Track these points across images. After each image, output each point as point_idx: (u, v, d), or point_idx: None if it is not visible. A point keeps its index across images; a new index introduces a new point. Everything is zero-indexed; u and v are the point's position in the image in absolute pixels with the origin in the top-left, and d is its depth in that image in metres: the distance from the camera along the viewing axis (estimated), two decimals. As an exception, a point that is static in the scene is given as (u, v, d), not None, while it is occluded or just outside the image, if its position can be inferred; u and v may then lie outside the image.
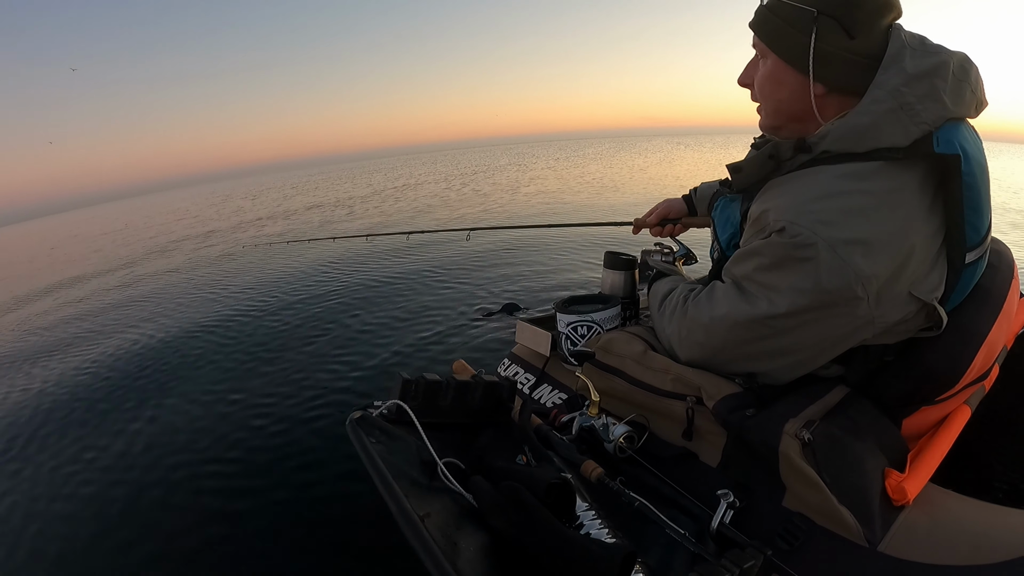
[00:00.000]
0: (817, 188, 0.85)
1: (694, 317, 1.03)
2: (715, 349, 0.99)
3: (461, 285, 4.37)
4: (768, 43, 0.92)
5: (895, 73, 0.82)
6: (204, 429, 2.59)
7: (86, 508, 2.14)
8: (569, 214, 8.17)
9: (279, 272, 5.98)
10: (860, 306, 0.83)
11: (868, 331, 0.88)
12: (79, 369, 3.75)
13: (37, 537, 2.02)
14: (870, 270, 0.80)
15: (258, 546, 1.78)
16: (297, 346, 3.48)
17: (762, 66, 0.96)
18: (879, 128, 0.82)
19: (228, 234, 10.79)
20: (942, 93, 0.81)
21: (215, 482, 2.17)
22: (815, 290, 0.82)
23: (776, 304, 0.87)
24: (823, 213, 0.81)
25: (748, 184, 0.98)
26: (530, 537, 0.85)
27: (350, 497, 1.91)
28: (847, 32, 0.84)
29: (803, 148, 0.89)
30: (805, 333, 0.89)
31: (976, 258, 0.91)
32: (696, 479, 1.04)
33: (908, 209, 0.83)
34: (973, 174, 0.84)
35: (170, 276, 7.03)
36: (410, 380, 1.11)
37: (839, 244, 0.79)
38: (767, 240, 0.87)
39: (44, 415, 3.10)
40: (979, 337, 0.94)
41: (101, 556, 1.85)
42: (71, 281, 8.36)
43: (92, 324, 5.11)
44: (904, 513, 0.87)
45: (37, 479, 2.43)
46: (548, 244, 5.51)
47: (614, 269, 1.67)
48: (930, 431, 1.02)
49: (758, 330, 0.91)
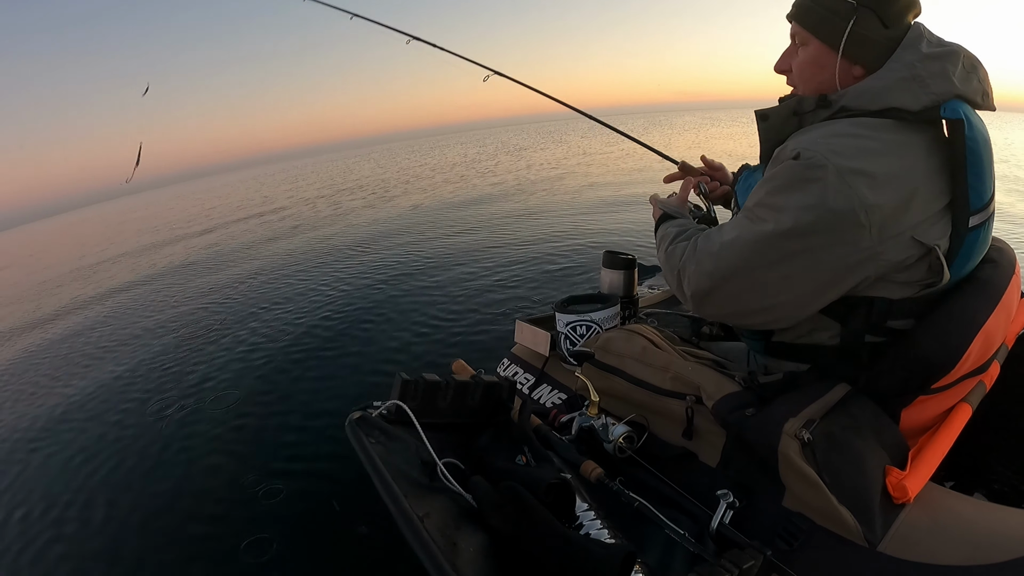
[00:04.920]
0: (832, 129, 0.93)
1: (703, 248, 1.04)
2: (723, 276, 0.99)
3: (462, 284, 4.37)
4: (811, 30, 1.00)
5: (911, 52, 0.92)
6: (202, 430, 2.59)
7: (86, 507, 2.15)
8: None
9: (269, 272, 5.98)
10: (863, 235, 0.86)
11: (870, 267, 0.89)
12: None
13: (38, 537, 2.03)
14: (874, 199, 0.84)
15: (254, 546, 1.78)
16: (294, 345, 3.48)
17: (802, 53, 1.04)
18: (891, 91, 0.91)
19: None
20: (951, 74, 0.89)
21: (208, 482, 2.17)
22: (820, 208, 0.86)
23: (782, 221, 0.90)
24: (836, 145, 0.88)
25: (773, 135, 1.04)
26: (530, 537, 0.85)
27: (349, 498, 1.91)
28: (882, 22, 0.94)
29: (824, 104, 0.98)
30: (809, 260, 0.90)
31: (979, 223, 0.94)
32: (696, 479, 1.04)
33: (913, 161, 0.89)
34: (976, 140, 0.89)
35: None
36: (409, 380, 1.11)
37: (847, 172, 0.85)
38: (781, 166, 0.93)
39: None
40: (975, 324, 0.95)
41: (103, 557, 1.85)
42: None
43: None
44: (904, 512, 0.87)
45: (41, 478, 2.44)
46: (557, 245, 5.50)
47: (613, 268, 1.67)
48: (931, 429, 1.02)
49: (765, 252, 0.93)
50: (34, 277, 10.28)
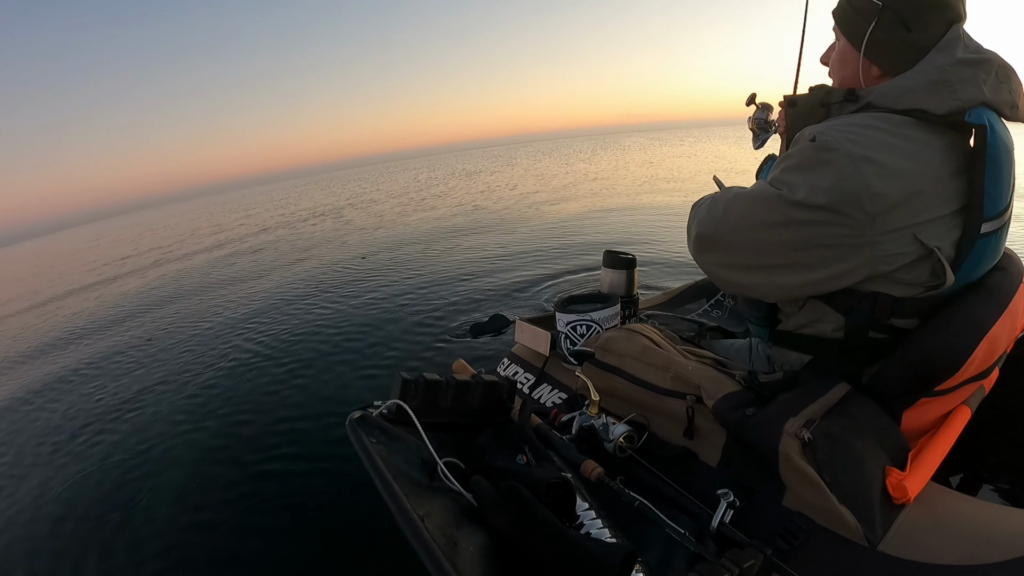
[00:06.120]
0: (852, 119, 0.96)
1: (720, 196, 1.07)
2: (730, 226, 1.02)
3: (464, 284, 4.37)
4: (841, 28, 1.06)
5: (945, 56, 0.93)
6: (202, 428, 2.59)
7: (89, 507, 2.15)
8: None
9: (277, 275, 5.98)
10: (864, 221, 0.87)
11: (867, 254, 0.90)
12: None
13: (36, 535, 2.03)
14: (879, 188, 0.85)
15: (254, 547, 1.77)
16: (295, 346, 3.48)
17: (836, 47, 1.10)
18: (917, 92, 0.92)
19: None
20: (982, 83, 0.90)
21: (209, 483, 2.17)
22: (827, 189, 0.88)
23: (794, 192, 0.92)
24: (852, 134, 0.90)
25: (799, 122, 1.06)
26: (530, 537, 0.85)
27: (349, 497, 1.91)
28: (905, 25, 0.95)
29: (852, 98, 1.00)
30: (809, 232, 0.92)
31: (992, 230, 0.94)
32: (696, 478, 1.04)
33: (927, 160, 0.89)
34: (997, 148, 0.89)
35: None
36: (410, 380, 1.11)
37: (858, 158, 0.87)
38: (798, 147, 0.95)
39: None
40: (981, 329, 0.95)
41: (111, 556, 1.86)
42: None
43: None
44: (904, 512, 0.87)
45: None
46: (557, 246, 5.50)
47: (614, 268, 1.67)
48: (931, 430, 1.02)
49: (771, 212, 0.94)
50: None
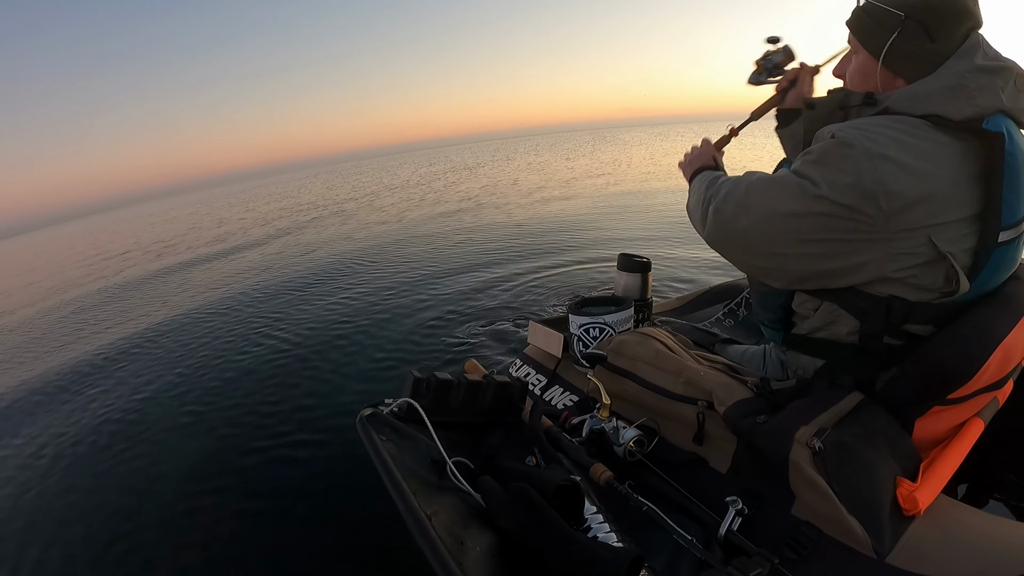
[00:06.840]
0: (871, 120, 0.95)
1: (741, 179, 1.06)
2: (750, 209, 1.00)
3: (474, 282, 4.37)
4: (860, 40, 1.03)
5: (964, 63, 0.92)
6: (211, 427, 2.62)
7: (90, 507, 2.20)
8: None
9: (289, 267, 6.04)
10: (879, 219, 0.87)
11: (879, 250, 0.90)
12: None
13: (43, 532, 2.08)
14: (894, 186, 0.85)
15: (263, 544, 1.79)
16: (308, 341, 3.52)
17: (854, 60, 1.07)
18: (934, 97, 0.92)
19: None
20: (1000, 90, 0.90)
21: (218, 480, 2.19)
22: (844, 186, 0.88)
23: (815, 183, 0.92)
24: (870, 133, 0.90)
25: (817, 124, 1.04)
26: (538, 538, 0.85)
27: (358, 494, 1.90)
28: (929, 35, 0.94)
29: (871, 102, 1.00)
30: (827, 225, 0.91)
31: (1009, 239, 0.93)
32: (705, 485, 1.04)
33: (944, 163, 0.89)
34: (1015, 156, 0.89)
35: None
36: (421, 378, 1.12)
37: (876, 156, 0.86)
38: (819, 144, 0.95)
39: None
40: (996, 338, 0.93)
41: (110, 555, 1.89)
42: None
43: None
44: (914, 524, 0.86)
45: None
46: (573, 251, 5.49)
47: (628, 271, 1.67)
48: (943, 442, 1.01)
49: (794, 203, 0.94)
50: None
